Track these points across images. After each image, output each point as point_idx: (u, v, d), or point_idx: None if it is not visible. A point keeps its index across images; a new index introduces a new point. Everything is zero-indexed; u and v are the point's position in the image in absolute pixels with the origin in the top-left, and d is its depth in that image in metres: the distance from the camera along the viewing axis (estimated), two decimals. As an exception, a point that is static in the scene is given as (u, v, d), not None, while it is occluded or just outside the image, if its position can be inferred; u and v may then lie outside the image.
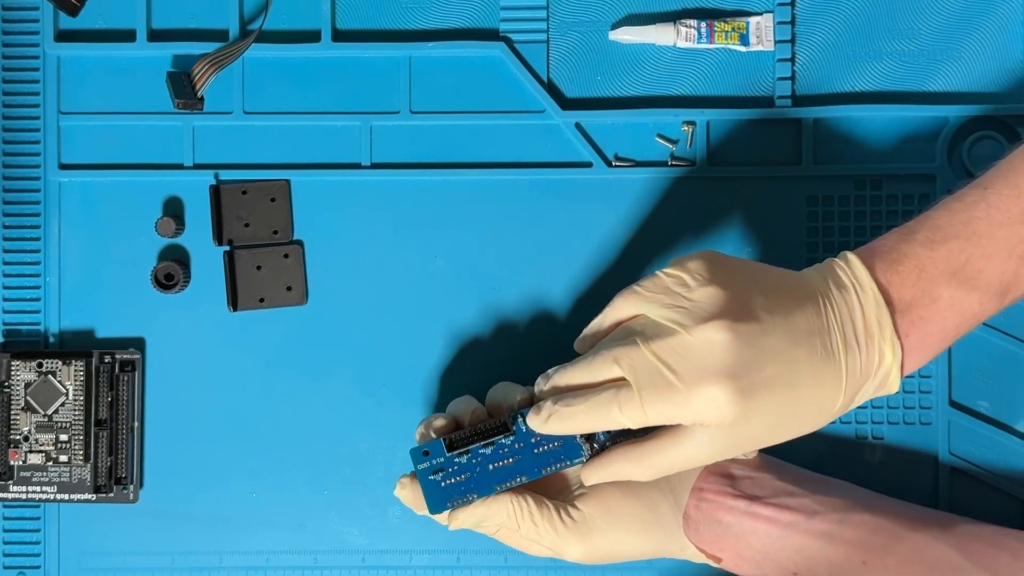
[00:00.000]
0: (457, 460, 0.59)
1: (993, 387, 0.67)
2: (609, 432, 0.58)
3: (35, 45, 0.68)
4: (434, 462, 0.59)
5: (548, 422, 0.57)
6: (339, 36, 0.68)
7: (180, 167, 0.68)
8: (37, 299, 0.68)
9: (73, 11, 0.67)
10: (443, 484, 0.59)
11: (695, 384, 0.53)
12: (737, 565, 0.60)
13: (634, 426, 0.55)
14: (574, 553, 0.60)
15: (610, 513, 0.60)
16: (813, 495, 0.60)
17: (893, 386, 0.56)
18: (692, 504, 0.60)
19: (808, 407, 0.55)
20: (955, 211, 0.56)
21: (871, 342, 0.55)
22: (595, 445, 0.59)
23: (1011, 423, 0.67)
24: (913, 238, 0.56)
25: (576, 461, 0.59)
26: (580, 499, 0.61)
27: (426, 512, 0.60)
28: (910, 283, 0.55)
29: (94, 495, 0.66)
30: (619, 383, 0.55)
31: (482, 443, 0.59)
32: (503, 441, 0.59)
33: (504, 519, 0.59)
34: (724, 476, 0.61)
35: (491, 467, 0.59)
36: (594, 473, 0.58)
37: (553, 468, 0.59)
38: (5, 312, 0.68)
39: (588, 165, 0.68)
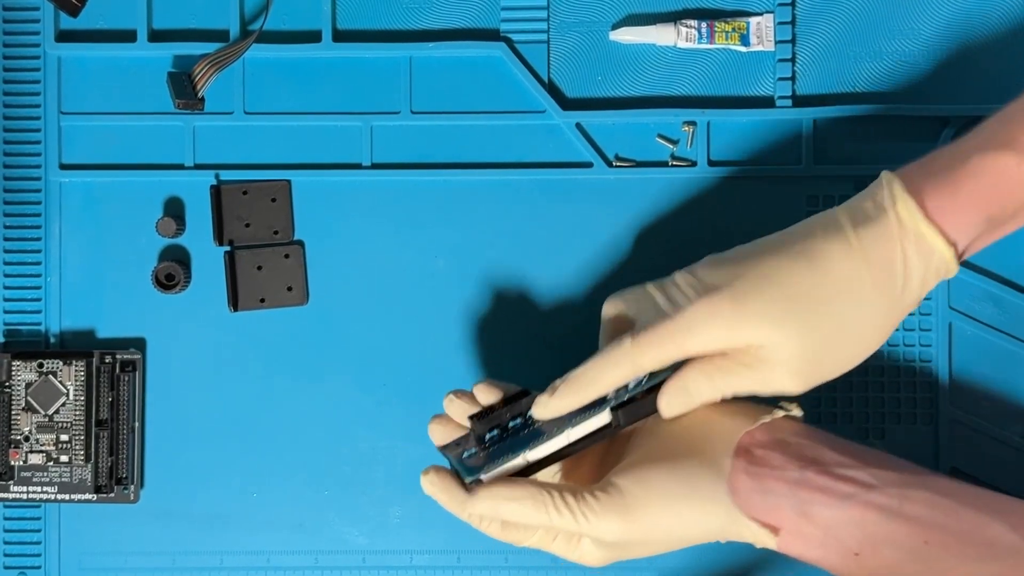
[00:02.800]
0: (489, 436, 0.59)
1: (993, 387, 0.67)
2: (637, 383, 0.57)
3: (36, 45, 0.68)
4: (467, 446, 0.59)
5: (556, 395, 0.56)
6: (339, 36, 0.68)
7: (181, 167, 0.68)
8: (38, 299, 0.68)
9: (74, 11, 0.67)
10: (479, 456, 0.58)
11: (689, 303, 0.55)
12: (797, 546, 0.56)
13: (651, 365, 0.55)
14: (613, 530, 0.55)
15: (648, 486, 0.56)
16: (866, 467, 0.56)
17: (944, 255, 0.54)
18: (741, 467, 0.56)
19: (814, 275, 0.54)
20: (985, 122, 0.56)
21: (882, 211, 0.54)
22: (624, 395, 0.57)
23: (1011, 423, 0.67)
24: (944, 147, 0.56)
25: (605, 407, 0.57)
26: (615, 474, 0.57)
27: (458, 504, 0.57)
28: (936, 161, 0.55)
29: (95, 495, 0.66)
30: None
31: (510, 416, 0.59)
32: (531, 413, 0.58)
33: (531, 511, 0.55)
34: (772, 439, 0.57)
35: (522, 433, 0.58)
36: (672, 396, 0.56)
37: (585, 420, 0.57)
38: (6, 312, 0.68)
39: (588, 165, 0.68)
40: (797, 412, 0.59)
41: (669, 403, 0.56)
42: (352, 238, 0.68)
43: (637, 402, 0.57)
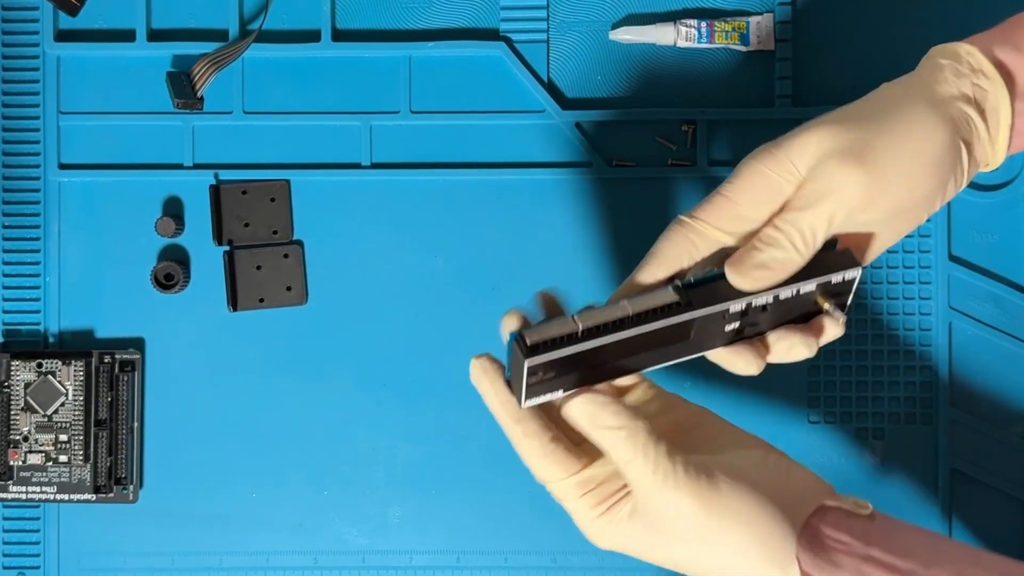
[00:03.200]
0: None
1: (993, 387, 0.67)
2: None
3: (35, 45, 0.68)
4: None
5: (622, 287, 0.51)
6: (339, 36, 0.68)
7: (180, 167, 0.68)
8: (37, 299, 0.68)
9: (73, 11, 0.67)
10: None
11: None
12: None
13: (708, 231, 0.51)
14: (681, 509, 0.50)
15: (740, 494, 0.51)
16: (927, 547, 0.53)
17: (974, 59, 0.53)
18: (810, 530, 0.52)
19: (853, 104, 0.53)
20: None
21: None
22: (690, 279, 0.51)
23: (1011, 423, 0.67)
24: None
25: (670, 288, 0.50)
26: (714, 464, 0.52)
27: (505, 407, 0.52)
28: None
29: (94, 495, 0.66)
30: None
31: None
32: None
33: (623, 435, 0.50)
34: (840, 517, 0.53)
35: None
36: (742, 258, 0.50)
37: (647, 295, 0.50)
38: (5, 312, 0.68)
39: (588, 165, 0.68)
40: (868, 507, 0.54)
41: (738, 267, 0.50)
42: (352, 238, 0.68)
43: (708, 284, 0.51)
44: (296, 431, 0.67)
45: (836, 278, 0.51)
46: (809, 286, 0.51)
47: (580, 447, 0.53)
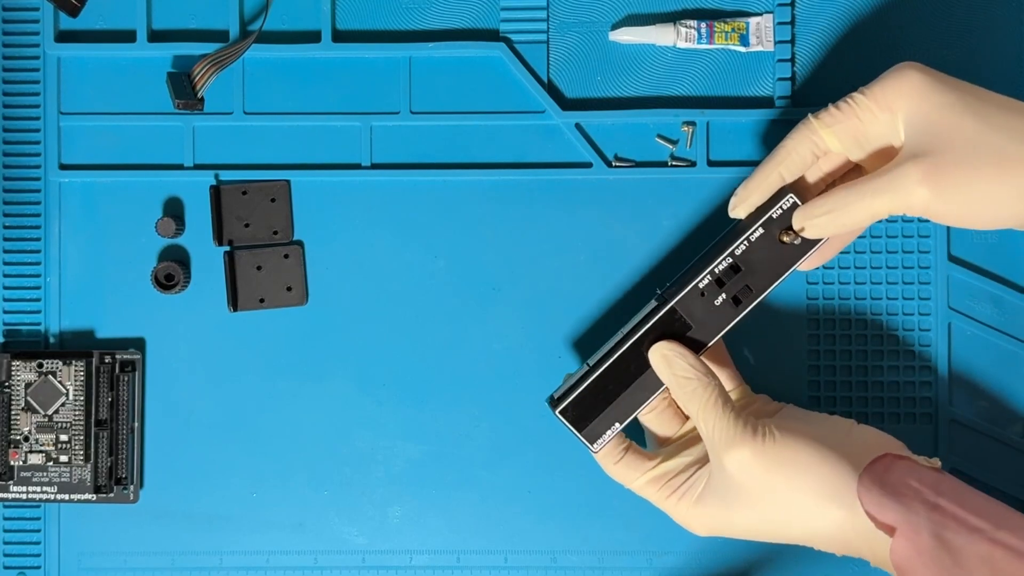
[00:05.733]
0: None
1: (993, 387, 0.67)
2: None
3: (35, 46, 0.68)
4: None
5: (742, 187, 0.61)
6: (339, 36, 0.68)
7: (180, 167, 0.68)
8: (37, 299, 0.68)
9: (73, 11, 0.67)
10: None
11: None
12: (912, 562, 0.56)
13: (831, 141, 0.59)
14: (743, 458, 0.57)
15: (790, 442, 0.58)
16: (994, 507, 0.57)
17: None
18: (876, 475, 0.57)
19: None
20: None
21: None
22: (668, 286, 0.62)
23: (1010, 423, 0.67)
24: None
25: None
26: (769, 419, 0.60)
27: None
28: None
29: (94, 495, 0.66)
30: None
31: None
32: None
33: (696, 382, 0.58)
34: (909, 467, 0.57)
35: None
36: (811, 210, 0.58)
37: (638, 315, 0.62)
38: (5, 312, 0.68)
39: (588, 165, 0.68)
40: (937, 464, 0.59)
41: (814, 216, 0.58)
42: (352, 238, 0.68)
43: (679, 279, 0.61)
44: (296, 431, 0.68)
45: (775, 213, 0.60)
46: (757, 232, 0.60)
47: (650, 453, 0.61)
